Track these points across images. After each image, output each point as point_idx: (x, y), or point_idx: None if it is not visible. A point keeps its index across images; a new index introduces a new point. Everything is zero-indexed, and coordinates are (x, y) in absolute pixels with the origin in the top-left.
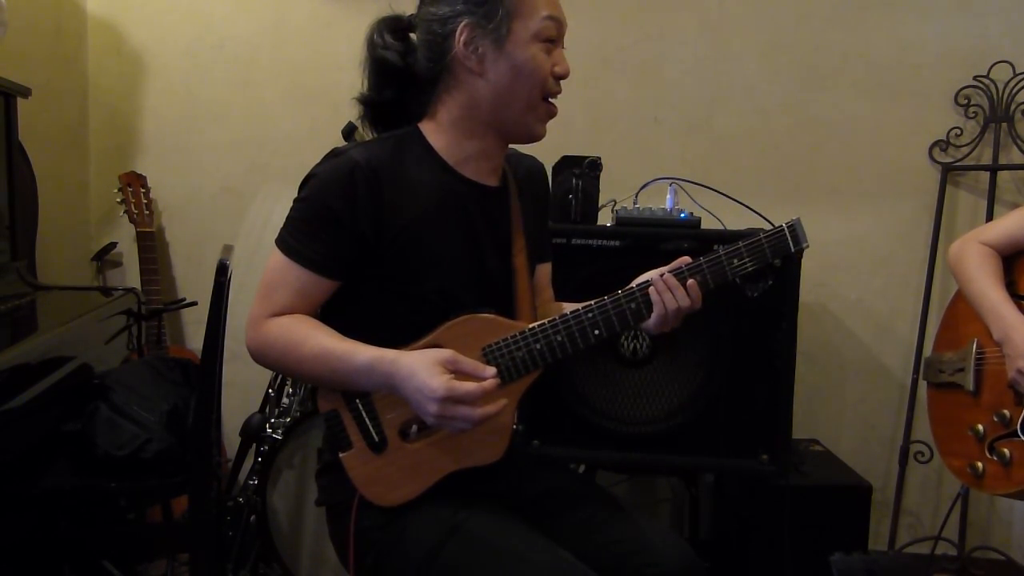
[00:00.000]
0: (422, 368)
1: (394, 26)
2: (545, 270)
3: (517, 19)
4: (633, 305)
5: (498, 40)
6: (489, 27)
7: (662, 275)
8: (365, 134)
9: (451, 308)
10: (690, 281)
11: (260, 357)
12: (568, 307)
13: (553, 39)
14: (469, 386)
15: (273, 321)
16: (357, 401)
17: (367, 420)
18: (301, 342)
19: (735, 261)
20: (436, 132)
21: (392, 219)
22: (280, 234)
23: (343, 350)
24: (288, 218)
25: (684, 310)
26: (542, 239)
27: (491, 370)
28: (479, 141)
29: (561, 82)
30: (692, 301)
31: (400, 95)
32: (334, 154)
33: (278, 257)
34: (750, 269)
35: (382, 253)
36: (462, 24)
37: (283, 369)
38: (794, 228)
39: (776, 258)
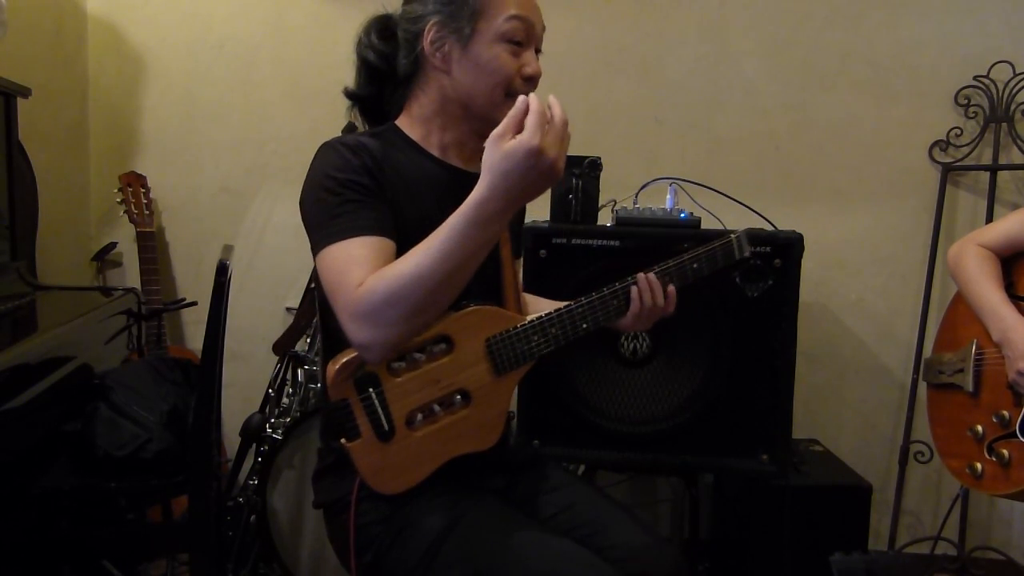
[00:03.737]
0: (508, 164)
1: (381, 26)
2: (518, 265)
3: (482, 19)
4: (615, 301)
5: (462, 39)
6: (454, 27)
7: (646, 275)
8: None
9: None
10: (671, 287)
11: (383, 319)
12: (533, 299)
13: (520, 41)
14: (531, 121)
15: (363, 287)
16: (371, 390)
17: (379, 409)
18: (400, 271)
19: (694, 265)
20: (411, 125)
21: (392, 204)
22: (321, 235)
23: (442, 234)
24: (321, 217)
25: (657, 311)
26: (519, 234)
27: (520, 99)
28: (453, 131)
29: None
30: (666, 305)
31: (382, 91)
32: (326, 145)
33: (333, 249)
34: (705, 273)
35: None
36: (430, 23)
37: (415, 307)
38: (739, 239)
39: (727, 264)
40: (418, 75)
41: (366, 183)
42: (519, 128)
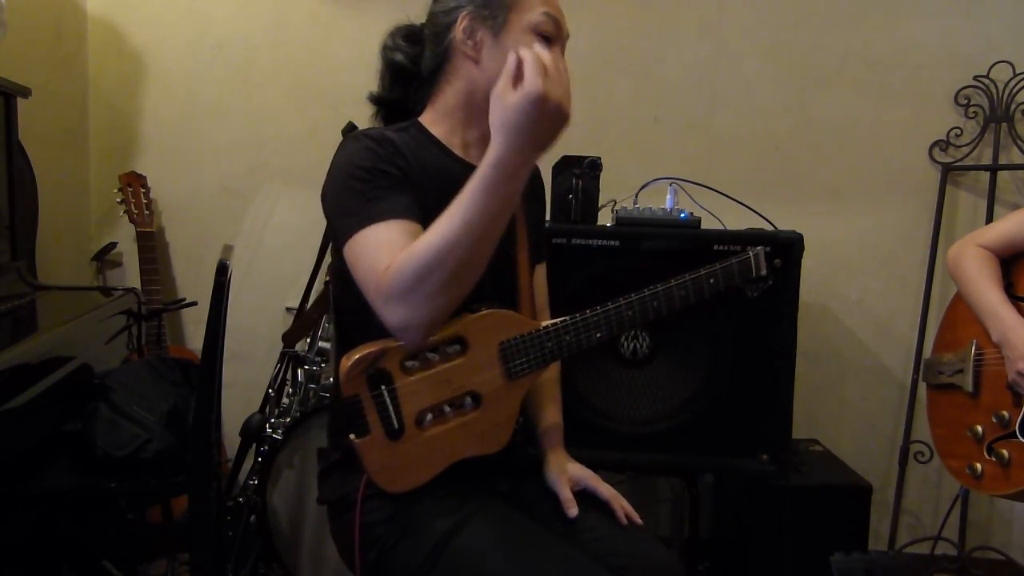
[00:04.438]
0: (516, 117)
1: (407, 31)
2: (540, 271)
3: (514, 11)
4: (630, 312)
5: (495, 28)
6: (487, 14)
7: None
8: None
9: (468, 298)
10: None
11: (415, 296)
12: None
13: (550, 37)
14: (528, 69)
15: (392, 268)
16: (383, 388)
17: (390, 407)
18: (427, 243)
19: (711, 280)
20: (435, 121)
21: (417, 193)
22: (350, 223)
23: (463, 201)
24: (349, 205)
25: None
26: (540, 239)
27: (511, 56)
28: (477, 128)
29: None
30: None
31: (407, 93)
32: (351, 136)
33: (362, 235)
34: (722, 288)
35: None
36: (463, 13)
37: (445, 278)
38: (758, 256)
39: (744, 279)
40: (444, 68)
41: (393, 172)
42: (518, 82)
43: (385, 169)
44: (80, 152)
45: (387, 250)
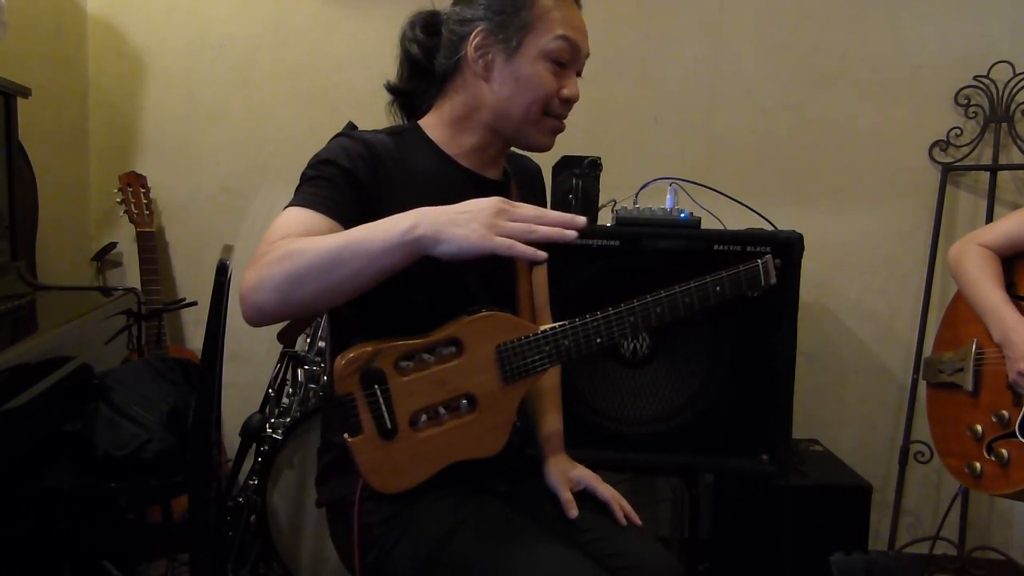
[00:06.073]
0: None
1: (427, 21)
2: (540, 269)
3: (530, 34)
4: (632, 318)
5: (508, 51)
6: (501, 36)
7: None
8: None
9: (461, 300)
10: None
11: (268, 275)
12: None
13: (564, 62)
14: (525, 207)
15: (280, 241)
16: (376, 387)
17: (383, 406)
18: (304, 247)
19: (717, 288)
20: (435, 126)
21: (393, 203)
22: (290, 203)
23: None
24: (296, 190)
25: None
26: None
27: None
28: (477, 138)
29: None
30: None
31: (420, 87)
32: (338, 135)
33: (285, 212)
34: (728, 297)
35: None
36: (478, 29)
37: (293, 274)
38: (766, 265)
39: (751, 287)
40: (455, 77)
41: (348, 167)
42: None
43: (340, 163)
44: (80, 152)
45: (288, 229)
